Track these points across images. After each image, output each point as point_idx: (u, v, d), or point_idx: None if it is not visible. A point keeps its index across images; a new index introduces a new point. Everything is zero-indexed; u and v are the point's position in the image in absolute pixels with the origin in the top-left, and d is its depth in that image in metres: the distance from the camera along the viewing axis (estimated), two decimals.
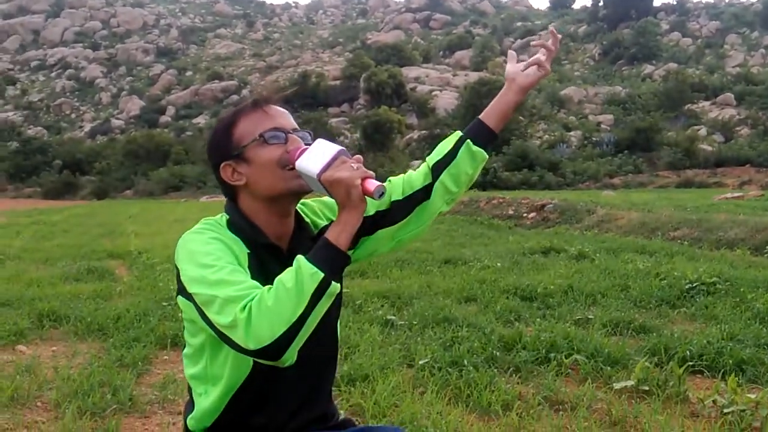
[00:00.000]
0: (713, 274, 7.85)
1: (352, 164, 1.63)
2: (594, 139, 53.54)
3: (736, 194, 26.63)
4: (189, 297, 1.65)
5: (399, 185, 1.99)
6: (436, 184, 1.97)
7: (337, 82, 77.89)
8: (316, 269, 1.54)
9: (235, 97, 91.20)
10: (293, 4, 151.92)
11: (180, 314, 1.82)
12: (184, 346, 1.88)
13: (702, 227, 13.16)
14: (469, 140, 1.98)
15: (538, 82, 2.04)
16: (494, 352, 5.05)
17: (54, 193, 55.80)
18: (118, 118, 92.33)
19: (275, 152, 1.74)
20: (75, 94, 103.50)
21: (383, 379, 4.36)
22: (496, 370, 4.70)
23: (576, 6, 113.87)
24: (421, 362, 4.79)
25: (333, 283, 1.56)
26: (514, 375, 4.70)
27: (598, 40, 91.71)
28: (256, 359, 1.55)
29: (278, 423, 1.82)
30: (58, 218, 24.19)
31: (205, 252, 1.66)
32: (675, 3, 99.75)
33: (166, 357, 5.46)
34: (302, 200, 1.97)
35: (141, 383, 4.75)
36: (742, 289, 7.25)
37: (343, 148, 1.67)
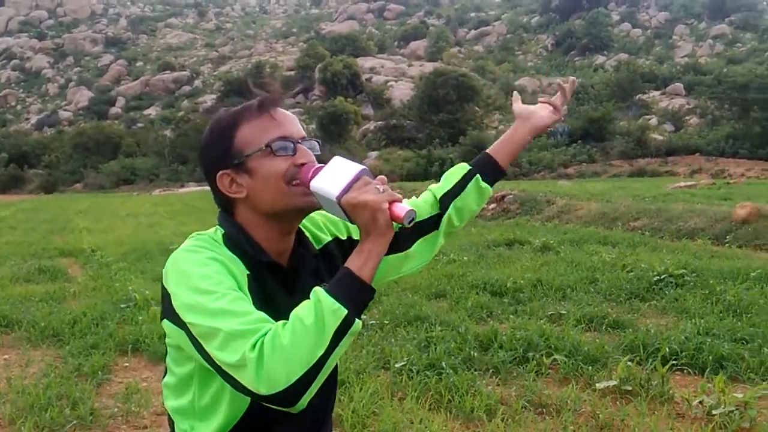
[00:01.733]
0: (680, 266, 7.87)
1: (377, 186, 1.43)
2: (549, 129, 53.93)
3: (688, 183, 27.01)
4: (181, 324, 1.44)
5: (423, 206, 1.83)
6: (445, 216, 1.83)
7: (292, 73, 77.20)
8: (339, 305, 1.33)
9: (187, 87, 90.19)
10: None
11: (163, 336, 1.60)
12: (165, 373, 1.67)
13: (661, 217, 13.24)
14: (478, 175, 1.84)
15: (553, 124, 1.92)
16: (471, 352, 4.93)
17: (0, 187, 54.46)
18: (66, 110, 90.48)
19: (282, 165, 1.52)
20: (21, 85, 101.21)
21: (360, 385, 4.19)
22: (475, 372, 4.57)
23: None
24: (397, 365, 4.64)
25: (356, 321, 1.35)
26: (493, 377, 4.59)
27: (551, 30, 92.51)
28: (264, 403, 1.34)
29: None
30: (4, 213, 23.46)
31: (202, 275, 1.44)
32: None
33: (126, 364, 5.22)
34: (309, 216, 1.77)
35: (101, 394, 4.51)
36: (710, 281, 7.27)
37: (365, 167, 1.45)
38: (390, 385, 4.36)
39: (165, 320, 1.51)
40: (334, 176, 1.44)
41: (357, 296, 1.37)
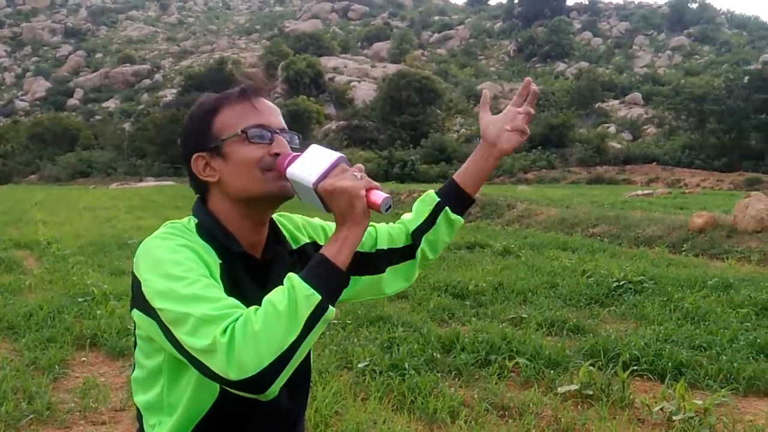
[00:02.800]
0: (638, 273, 7.98)
1: (355, 173, 1.42)
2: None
3: (645, 192, 27.41)
4: (150, 312, 1.39)
5: (384, 234, 1.81)
6: (419, 250, 1.81)
7: (255, 70, 76.59)
8: (312, 290, 1.30)
9: (147, 81, 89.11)
10: None
11: (132, 328, 1.55)
12: (133, 368, 1.62)
13: (620, 224, 13.40)
14: (447, 208, 1.81)
15: (520, 143, 1.84)
16: (434, 354, 4.93)
17: None
18: (22, 100, 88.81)
19: (257, 152, 1.50)
20: None
21: (323, 385, 4.16)
22: (437, 373, 4.56)
23: (492, 2, 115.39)
24: (360, 365, 4.61)
25: (330, 307, 1.34)
26: (456, 378, 4.59)
27: (513, 36, 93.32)
28: (235, 391, 1.30)
29: None
30: None
31: (174, 261, 1.40)
32: (587, 3, 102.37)
33: (84, 359, 5.11)
34: (284, 213, 1.75)
35: (58, 389, 4.42)
36: (668, 288, 7.38)
37: (343, 155, 1.43)
38: (353, 385, 4.33)
39: (135, 310, 1.46)
40: (311, 163, 1.42)
41: (331, 283, 1.34)
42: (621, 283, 7.51)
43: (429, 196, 1.85)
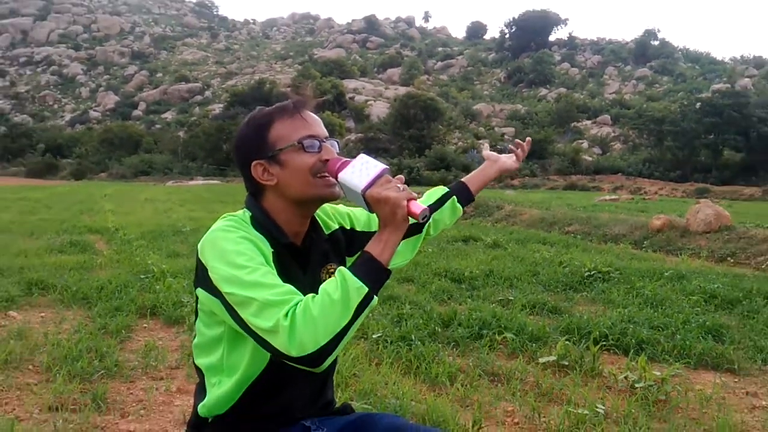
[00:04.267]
0: (606, 264, 7.93)
1: (398, 184, 1.42)
2: (498, 147, 54.08)
3: (612, 197, 27.29)
4: (216, 293, 1.40)
5: None
6: (426, 225, 1.87)
7: (287, 89, 76.51)
8: (361, 284, 1.32)
9: (198, 97, 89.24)
10: (251, 21, 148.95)
11: (194, 304, 1.56)
12: (194, 336, 1.63)
13: (591, 224, 13.35)
14: (455, 197, 1.97)
15: (514, 170, 2.12)
16: (435, 328, 4.91)
17: (37, 172, 53.33)
18: (95, 111, 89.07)
19: (310, 160, 1.51)
20: (58, 88, 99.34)
21: (344, 352, 4.15)
22: (439, 344, 4.54)
23: (487, 37, 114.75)
24: (374, 336, 4.60)
25: (375, 297, 1.35)
26: (454, 349, 4.57)
27: (504, 66, 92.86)
28: (292, 364, 1.32)
29: (289, 411, 1.60)
30: (41, 195, 22.98)
31: (237, 251, 1.41)
32: (566, 39, 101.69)
33: (145, 325, 5.11)
34: None
35: (124, 350, 4.41)
36: (631, 278, 7.32)
37: (387, 166, 1.44)
38: (368, 353, 4.32)
39: (199, 288, 1.48)
40: (360, 171, 1.43)
41: (376, 277, 1.36)
42: (591, 273, 7.47)
43: (440, 188, 2.00)
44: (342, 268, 1.36)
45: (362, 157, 1.45)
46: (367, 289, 1.32)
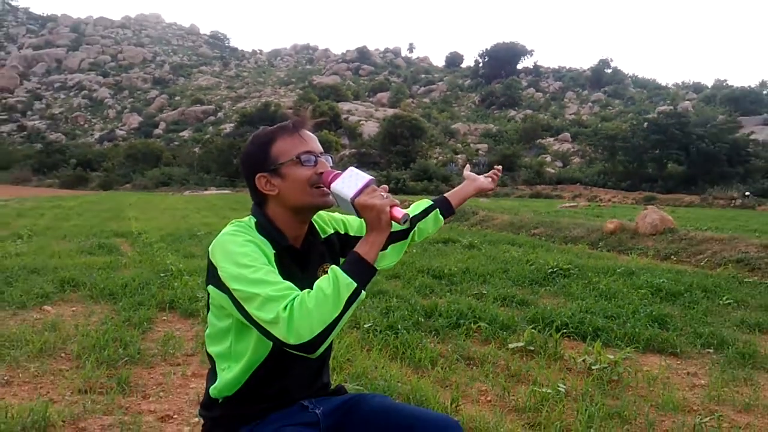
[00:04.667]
0: (567, 263, 7.95)
1: (382, 193, 1.43)
2: (474, 161, 54.19)
3: (572, 204, 27.37)
4: (225, 290, 1.41)
5: None
6: (412, 232, 1.89)
7: (290, 111, 76.23)
8: (351, 280, 1.34)
9: (212, 117, 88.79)
10: (258, 51, 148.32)
11: (206, 300, 1.56)
12: (207, 327, 1.63)
13: (553, 227, 13.38)
14: (437, 209, 1.97)
15: (489, 190, 2.09)
16: (419, 318, 4.91)
17: (69, 184, 52.86)
18: (121, 129, 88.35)
19: (307, 172, 1.52)
20: (88, 110, 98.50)
21: (339, 340, 4.14)
22: (422, 333, 4.54)
23: (463, 65, 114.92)
24: (365, 326, 4.59)
25: (363, 292, 1.36)
26: (435, 337, 4.56)
27: (478, 90, 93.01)
28: (290, 350, 1.33)
29: (290, 392, 1.60)
30: (73, 204, 22.80)
31: (243, 253, 1.42)
32: (532, 67, 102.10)
33: (164, 318, 5.07)
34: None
35: (146, 339, 4.38)
36: (588, 274, 7.35)
37: (373, 177, 1.46)
38: (360, 340, 4.31)
39: (210, 286, 1.49)
40: (349, 182, 1.44)
41: (364, 274, 1.37)
42: (554, 270, 7.50)
43: (425, 201, 1.98)
44: (334, 266, 1.37)
45: (351, 170, 1.47)
46: (355, 285, 1.34)
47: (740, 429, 3.05)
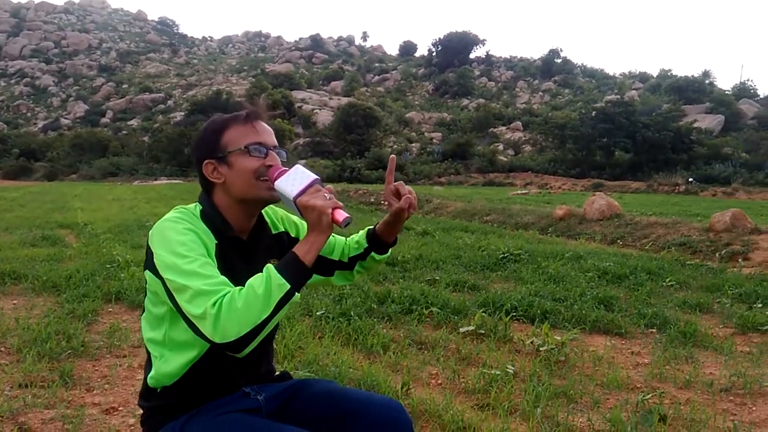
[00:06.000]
0: (517, 248, 8.08)
1: (325, 194, 1.39)
2: (428, 149, 54.45)
3: (523, 192, 27.89)
4: (159, 277, 1.36)
5: (340, 247, 1.77)
6: (354, 270, 1.78)
7: (242, 99, 74.98)
8: (284, 281, 1.29)
9: (161, 106, 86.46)
10: (209, 38, 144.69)
11: (144, 285, 1.51)
12: (143, 311, 1.58)
13: (505, 214, 13.60)
14: (373, 253, 1.74)
15: (403, 210, 1.60)
16: (371, 305, 4.90)
17: (12, 174, 50.56)
18: (66, 118, 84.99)
19: (254, 163, 1.47)
20: (31, 98, 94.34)
21: (290, 328, 4.10)
22: (374, 319, 4.54)
23: (417, 54, 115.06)
24: (318, 314, 4.56)
25: (296, 293, 1.32)
26: (387, 322, 4.57)
27: (432, 79, 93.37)
28: (216, 348, 1.28)
29: (231, 380, 1.56)
30: (15, 195, 21.83)
31: (180, 242, 1.37)
32: (484, 57, 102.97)
33: (111, 309, 4.92)
34: (271, 206, 1.70)
35: (91, 331, 4.24)
36: (538, 259, 7.49)
37: (318, 177, 1.42)
38: (312, 328, 4.28)
39: (147, 271, 1.44)
40: (294, 180, 1.41)
41: (299, 275, 1.34)
42: (505, 255, 7.62)
43: (363, 239, 1.76)
44: (269, 265, 1.33)
45: (297, 168, 1.44)
46: (288, 286, 1.30)
47: (681, 404, 3.16)
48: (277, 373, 1.74)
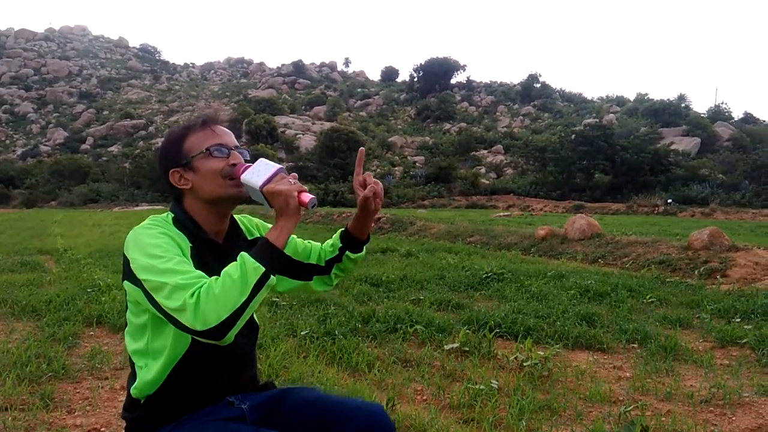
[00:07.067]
0: (500, 267, 8.14)
1: (290, 180, 1.44)
2: (411, 173, 54.82)
3: (506, 213, 28.10)
4: (137, 282, 1.39)
5: (316, 251, 1.80)
6: (332, 273, 1.80)
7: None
8: (258, 264, 1.33)
9: (143, 132, 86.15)
10: (191, 65, 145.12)
11: (125, 297, 1.53)
12: (125, 326, 1.59)
13: (488, 235, 13.68)
14: (347, 252, 1.76)
15: (368, 199, 1.65)
16: (356, 324, 4.91)
17: None
18: (45, 145, 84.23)
19: (218, 164, 1.53)
20: (10, 125, 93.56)
21: (274, 347, 4.09)
22: (359, 338, 4.55)
23: (399, 80, 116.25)
24: (302, 333, 4.56)
25: (272, 276, 1.35)
26: (372, 341, 4.58)
27: (414, 104, 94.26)
28: (200, 339, 1.30)
29: (214, 389, 1.57)
30: None
31: (155, 244, 1.41)
32: (465, 82, 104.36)
33: (92, 333, 4.87)
34: (245, 215, 1.75)
35: (72, 355, 4.19)
36: (521, 278, 7.54)
37: (282, 166, 1.47)
38: (297, 347, 4.27)
39: (126, 282, 1.46)
40: (259, 172, 1.47)
41: (272, 258, 1.37)
42: (489, 275, 7.67)
43: (337, 240, 1.78)
44: (243, 252, 1.37)
45: (261, 161, 1.49)
46: (264, 269, 1.33)
47: (662, 416, 3.20)
48: (261, 382, 1.75)
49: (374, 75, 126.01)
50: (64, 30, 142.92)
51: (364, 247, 1.79)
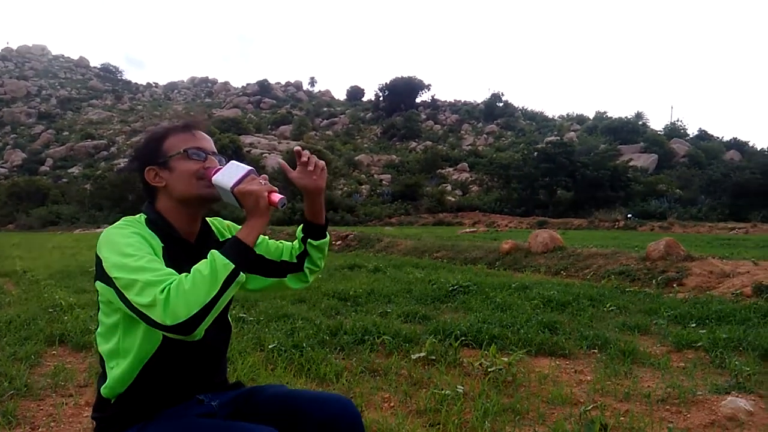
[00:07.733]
0: (466, 280, 8.25)
1: (261, 180, 1.50)
2: (378, 191, 54.99)
3: (472, 230, 28.40)
4: (109, 281, 1.42)
5: (288, 249, 1.85)
6: (305, 268, 1.84)
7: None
8: (228, 261, 1.38)
9: (104, 152, 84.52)
10: (153, 84, 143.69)
11: (96, 298, 1.55)
12: (97, 327, 1.62)
13: (454, 250, 13.84)
14: (310, 240, 1.82)
15: (317, 185, 1.76)
16: (324, 337, 4.93)
17: None
18: (2, 167, 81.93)
19: (194, 166, 1.58)
20: None
21: (242, 360, 4.09)
22: (327, 349, 4.57)
23: (364, 99, 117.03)
24: (270, 346, 4.56)
25: (241, 273, 1.40)
26: (340, 353, 4.61)
27: (380, 123, 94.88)
28: (169, 334, 1.34)
29: (185, 388, 1.60)
30: None
31: (127, 243, 1.45)
32: (429, 101, 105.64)
33: (54, 352, 4.79)
34: (217, 218, 1.80)
35: (34, 373, 4.12)
36: (486, 290, 7.66)
37: (253, 168, 1.53)
38: (264, 360, 4.28)
39: (98, 282, 1.49)
40: (230, 173, 1.52)
41: (242, 255, 1.42)
42: (455, 287, 7.77)
43: (299, 232, 1.85)
44: (213, 250, 1.41)
45: (232, 163, 1.55)
46: (233, 266, 1.38)
47: (621, 415, 3.31)
48: (230, 382, 1.79)
49: (340, 94, 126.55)
50: (22, 50, 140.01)
51: (327, 233, 1.83)
